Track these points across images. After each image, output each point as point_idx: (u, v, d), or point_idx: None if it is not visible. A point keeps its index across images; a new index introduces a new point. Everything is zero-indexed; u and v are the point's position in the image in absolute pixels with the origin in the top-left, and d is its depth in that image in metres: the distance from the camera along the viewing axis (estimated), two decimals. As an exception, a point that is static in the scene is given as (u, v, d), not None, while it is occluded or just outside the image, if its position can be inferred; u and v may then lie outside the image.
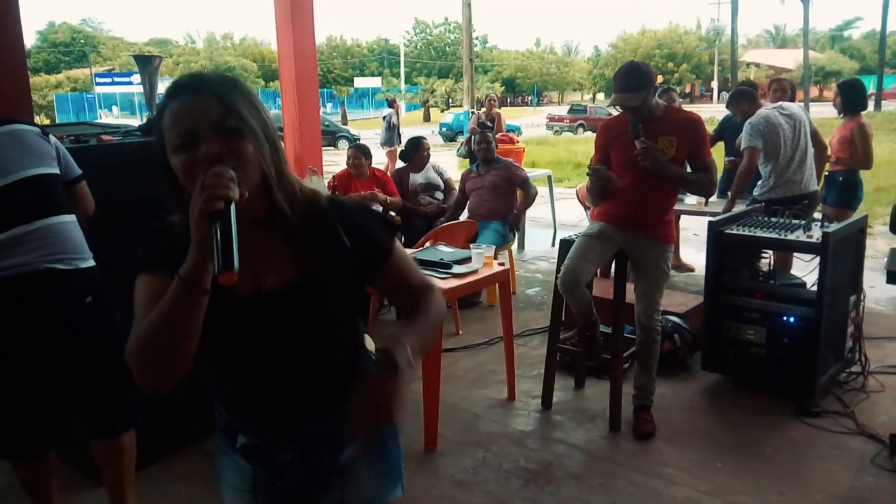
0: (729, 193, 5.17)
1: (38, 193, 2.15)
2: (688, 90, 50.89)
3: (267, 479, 1.37)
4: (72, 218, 2.23)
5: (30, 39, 49.75)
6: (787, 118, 4.55)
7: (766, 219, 3.80)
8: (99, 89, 35.38)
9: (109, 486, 2.41)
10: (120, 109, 33.21)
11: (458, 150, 11.16)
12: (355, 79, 48.64)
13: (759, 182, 4.64)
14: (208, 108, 1.10)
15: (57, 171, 2.22)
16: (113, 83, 35.45)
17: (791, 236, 3.46)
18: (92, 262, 2.24)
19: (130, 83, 32.80)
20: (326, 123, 21.37)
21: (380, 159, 11.91)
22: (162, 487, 2.83)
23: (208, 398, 1.40)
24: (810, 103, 26.35)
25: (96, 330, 2.22)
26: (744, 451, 3.09)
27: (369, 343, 1.49)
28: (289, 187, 1.20)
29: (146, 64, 2.82)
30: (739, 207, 4.49)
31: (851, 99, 4.85)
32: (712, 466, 2.97)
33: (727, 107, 5.62)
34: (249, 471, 1.37)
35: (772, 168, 4.54)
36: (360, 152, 5.54)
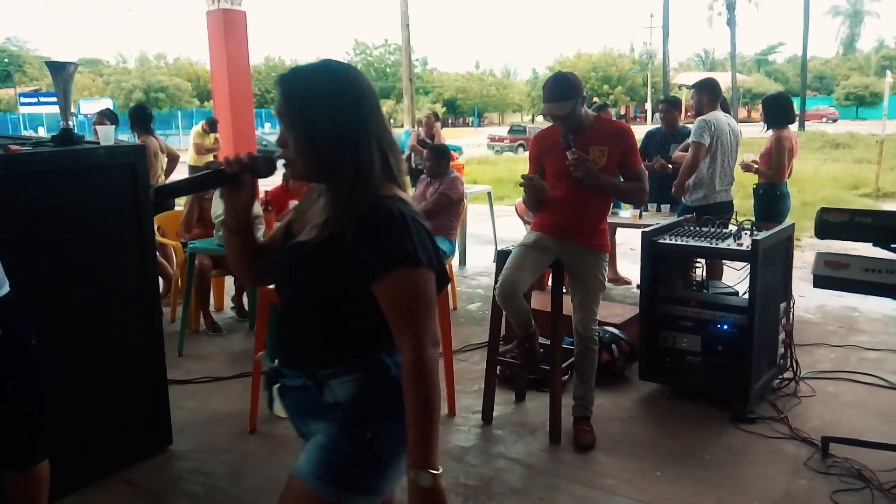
0: (661, 205, 5.27)
1: None
2: (623, 111, 52.28)
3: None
4: None
5: (-50, 58, 47.67)
6: (730, 128, 4.70)
7: (697, 228, 3.86)
8: (24, 109, 33.98)
9: None
10: (46, 130, 32.02)
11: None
12: (294, 99, 48.08)
13: (690, 185, 4.74)
14: (278, 101, 1.41)
15: None
16: (39, 103, 34.13)
17: (722, 244, 3.52)
18: (4, 290, 2.08)
19: (57, 103, 31.62)
20: (264, 143, 21.04)
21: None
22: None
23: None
24: (739, 123, 27.35)
25: (7, 363, 2.06)
26: (683, 459, 3.09)
27: None
28: (341, 176, 1.39)
29: (60, 70, 2.67)
30: (671, 218, 4.57)
31: (772, 112, 4.94)
32: (652, 475, 2.96)
33: (661, 114, 5.76)
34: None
35: (707, 170, 4.66)
36: None
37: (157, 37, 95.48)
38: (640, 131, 3.53)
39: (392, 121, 43.83)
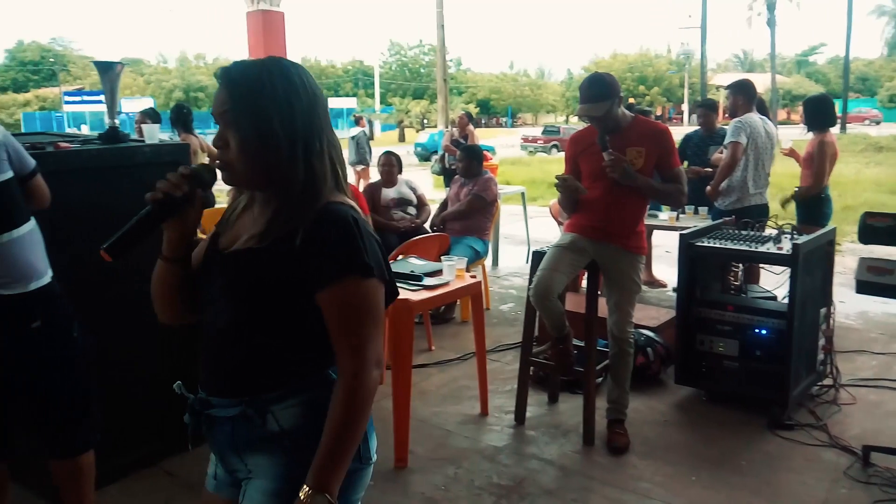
0: (699, 208, 5.22)
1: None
2: (658, 112, 51.70)
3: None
4: (24, 231, 2.11)
5: (-2, 58, 49.13)
6: (766, 130, 4.64)
7: (735, 231, 3.81)
8: (68, 108, 34.88)
9: None
10: (90, 128, 32.81)
11: (433, 167, 11.18)
12: (330, 99, 48.64)
13: (722, 189, 4.70)
14: (219, 96, 1.27)
15: (8, 174, 2.11)
16: (82, 101, 34.99)
17: (762, 248, 3.47)
18: (45, 280, 2.14)
19: (101, 101, 32.32)
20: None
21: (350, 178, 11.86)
22: (119, 509, 2.71)
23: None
24: (778, 125, 26.89)
25: (46, 355, 2.13)
26: (718, 465, 3.05)
27: None
28: (288, 181, 1.27)
29: (107, 70, 2.74)
30: (708, 221, 4.53)
31: (814, 114, 4.86)
32: (686, 480, 2.93)
33: (699, 118, 5.73)
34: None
35: (741, 173, 4.61)
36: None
37: (196, 37, 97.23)
38: (676, 133, 3.49)
39: (426, 121, 44.03)
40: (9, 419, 2.23)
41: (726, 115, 5.02)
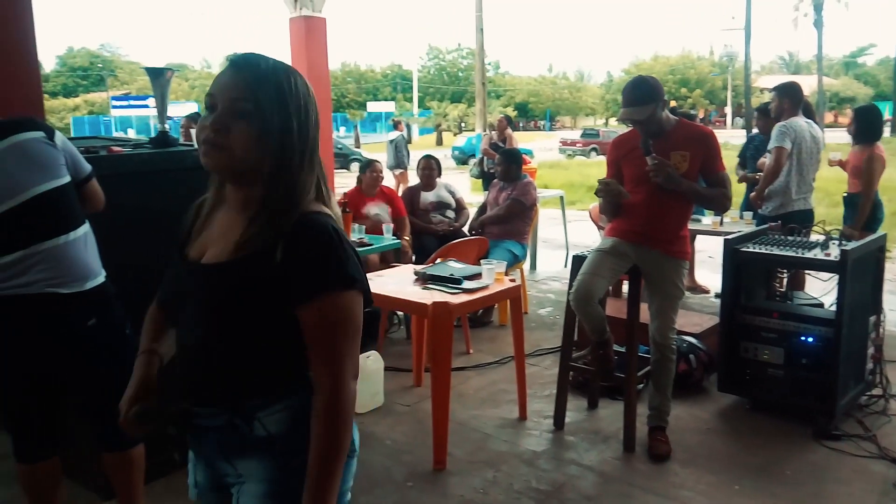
0: (743, 213, 5.15)
1: (45, 213, 2.12)
2: (701, 115, 50.92)
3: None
4: (80, 233, 2.19)
5: (49, 64, 50.74)
6: (812, 135, 4.56)
7: (781, 237, 3.74)
8: (115, 112, 35.85)
9: (121, 498, 2.42)
10: (136, 132, 33.67)
11: (472, 170, 11.20)
12: (368, 103, 49.03)
13: (765, 194, 4.64)
14: (235, 84, 1.21)
15: (66, 179, 2.19)
16: (129, 106, 35.93)
17: (809, 254, 3.40)
18: (100, 280, 2.21)
19: (146, 106, 33.26)
20: (339, 146, 21.49)
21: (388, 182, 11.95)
22: (166, 503, 2.78)
23: None
24: (825, 129, 26.27)
25: (101, 352, 2.20)
26: (762, 474, 3.00)
27: None
28: (286, 189, 1.23)
29: (158, 76, 2.81)
30: (750, 227, 4.47)
31: (865, 126, 4.80)
32: (729, 489, 2.89)
33: (756, 119, 5.72)
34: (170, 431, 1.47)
35: (784, 178, 4.54)
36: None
37: (240, 42, 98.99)
38: (719, 136, 3.45)
39: (463, 125, 44.07)
40: (62, 414, 2.31)
41: (772, 117, 4.96)
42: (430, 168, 5.67)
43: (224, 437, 1.31)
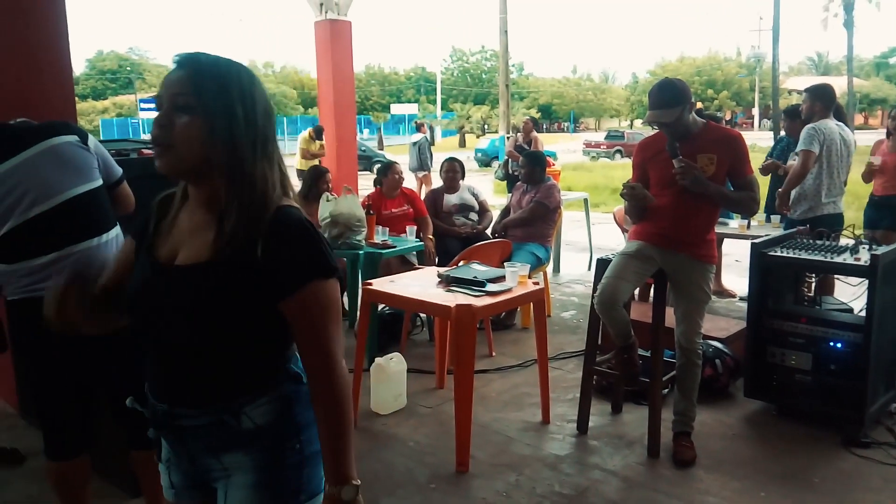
0: (770, 216, 5.10)
1: (78, 216, 2.16)
2: (728, 117, 50.34)
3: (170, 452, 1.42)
4: (112, 235, 2.23)
5: (79, 67, 51.56)
6: (843, 137, 4.50)
7: (810, 241, 3.68)
8: (143, 114, 36.34)
9: (148, 495, 2.47)
10: (163, 134, 34.11)
11: (496, 172, 11.19)
12: (392, 105, 49.24)
13: (793, 198, 4.58)
14: (177, 80, 1.21)
15: (98, 182, 2.23)
16: (156, 108, 36.37)
17: (838, 259, 3.34)
18: None
19: (174, 109, 33.60)
20: (363, 148, 21.59)
21: (409, 184, 11.98)
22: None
23: None
24: (855, 130, 25.85)
25: (132, 352, 2.23)
26: (789, 481, 2.96)
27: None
28: (243, 180, 1.22)
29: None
30: (777, 231, 4.42)
31: None
32: (756, 496, 2.85)
33: (783, 121, 5.65)
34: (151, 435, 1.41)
35: (813, 182, 4.48)
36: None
37: (265, 46, 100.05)
38: (746, 138, 3.41)
39: (486, 127, 44.05)
40: (92, 413, 2.35)
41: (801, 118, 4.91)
42: (453, 170, 5.68)
43: (210, 433, 1.31)
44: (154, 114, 1.27)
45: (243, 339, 1.26)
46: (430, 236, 5.24)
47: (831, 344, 3.36)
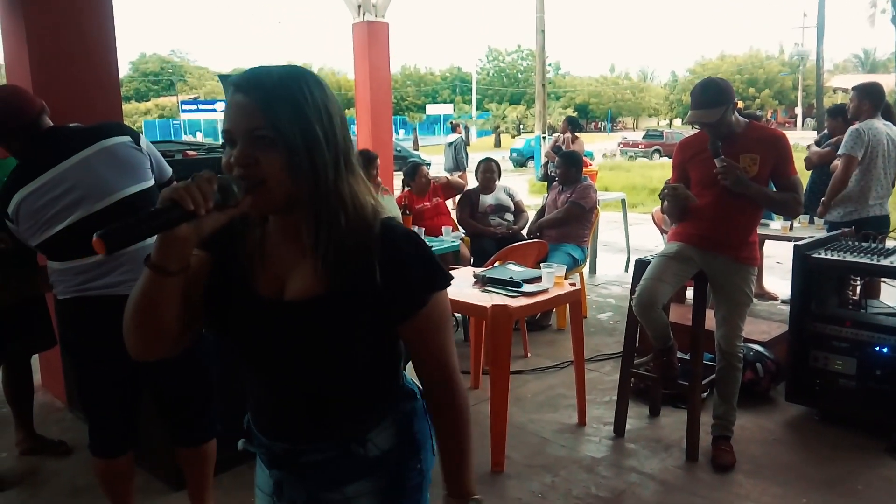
0: (814, 217, 4.99)
1: (131, 215, 2.21)
2: (769, 116, 49.34)
3: (281, 488, 1.34)
4: None
5: (123, 69, 52.65)
6: (890, 137, 4.40)
7: (855, 243, 3.60)
8: (184, 116, 37.07)
9: (192, 489, 2.52)
10: (204, 135, 34.75)
11: (536, 173, 11.17)
12: (427, 106, 49.38)
13: (844, 196, 4.50)
14: (248, 112, 1.07)
15: (151, 182, 2.29)
16: (198, 110, 37.09)
17: (885, 261, 3.26)
18: None
19: (214, 110, 34.33)
20: (399, 149, 21.66)
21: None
22: (232, 496, 2.86)
23: None
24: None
25: (179, 352, 2.28)
26: (832, 488, 2.89)
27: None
28: (332, 204, 1.12)
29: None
30: (821, 232, 4.33)
31: None
32: (797, 502, 2.80)
33: (827, 120, 5.55)
34: (270, 475, 1.33)
35: (858, 183, 4.39)
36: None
37: (303, 48, 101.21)
38: (790, 138, 3.35)
39: (521, 126, 43.88)
40: (137, 413, 2.41)
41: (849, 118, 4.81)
42: (489, 171, 5.69)
43: (337, 465, 1.26)
44: (195, 115, 1.20)
45: (365, 365, 1.23)
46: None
47: (877, 348, 3.28)
